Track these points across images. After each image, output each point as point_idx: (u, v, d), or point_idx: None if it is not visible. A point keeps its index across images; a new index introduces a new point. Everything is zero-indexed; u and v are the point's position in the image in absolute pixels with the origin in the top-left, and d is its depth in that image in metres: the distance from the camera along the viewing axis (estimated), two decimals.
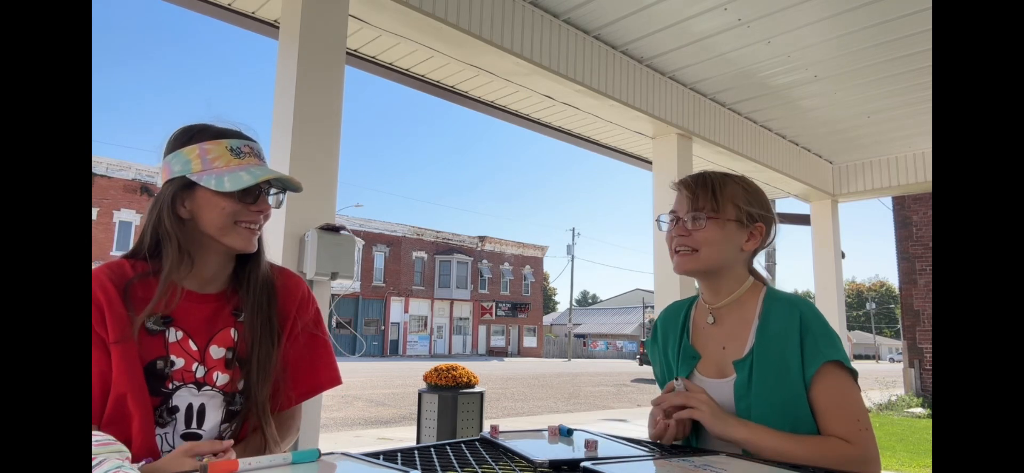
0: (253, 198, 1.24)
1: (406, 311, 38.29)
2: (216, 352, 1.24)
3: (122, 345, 1.15)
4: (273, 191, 1.30)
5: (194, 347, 1.22)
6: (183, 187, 1.21)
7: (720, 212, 1.35)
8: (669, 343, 1.48)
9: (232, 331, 1.26)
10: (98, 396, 1.14)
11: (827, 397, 1.25)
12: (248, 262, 1.30)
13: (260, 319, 1.27)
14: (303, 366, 1.33)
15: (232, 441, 1.09)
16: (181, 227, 1.22)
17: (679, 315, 1.49)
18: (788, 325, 1.29)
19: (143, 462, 1.06)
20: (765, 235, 1.41)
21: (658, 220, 1.46)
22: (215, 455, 1.04)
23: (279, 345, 1.29)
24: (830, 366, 1.25)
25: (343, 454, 1.04)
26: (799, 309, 1.30)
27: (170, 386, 1.20)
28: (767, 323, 1.32)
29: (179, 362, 1.20)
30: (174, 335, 1.21)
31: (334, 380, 1.37)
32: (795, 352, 1.27)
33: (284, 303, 1.33)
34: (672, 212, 1.43)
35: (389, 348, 37.25)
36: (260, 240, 1.31)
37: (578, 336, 53.44)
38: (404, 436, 7.80)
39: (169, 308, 1.22)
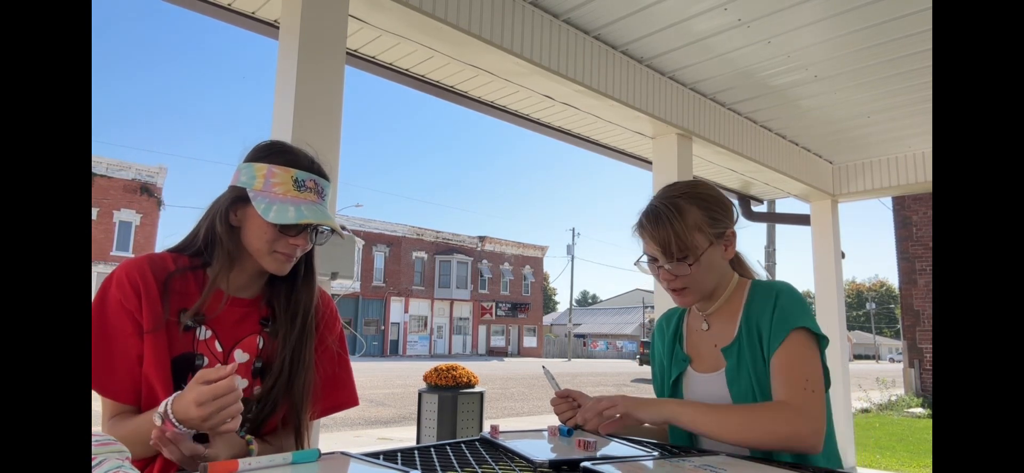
0: (295, 232, 1.24)
1: (406, 311, 38.26)
2: (239, 356, 1.25)
3: (153, 335, 1.17)
4: (322, 230, 1.30)
5: (219, 349, 1.24)
6: (240, 198, 1.24)
7: (692, 251, 1.34)
8: (664, 350, 1.53)
9: (259, 339, 1.28)
10: (137, 376, 1.16)
11: (780, 360, 1.26)
12: (284, 279, 1.31)
13: (291, 338, 1.28)
14: (326, 385, 1.35)
15: (236, 365, 1.04)
16: (231, 233, 1.25)
17: (672, 322, 1.54)
18: (765, 306, 1.32)
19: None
20: (734, 232, 1.43)
21: (639, 262, 1.45)
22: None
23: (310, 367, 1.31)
24: (795, 332, 1.26)
25: (343, 454, 1.04)
26: (776, 290, 1.34)
27: None
28: (751, 309, 1.36)
29: (204, 362, 1.22)
30: (203, 333, 1.23)
31: (352, 400, 1.40)
32: (767, 328, 1.29)
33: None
34: (648, 255, 1.41)
35: (389, 348, 37.23)
36: (309, 263, 1.33)
37: (578, 336, 53.41)
38: (404, 436, 7.80)
39: (209, 309, 1.24)
